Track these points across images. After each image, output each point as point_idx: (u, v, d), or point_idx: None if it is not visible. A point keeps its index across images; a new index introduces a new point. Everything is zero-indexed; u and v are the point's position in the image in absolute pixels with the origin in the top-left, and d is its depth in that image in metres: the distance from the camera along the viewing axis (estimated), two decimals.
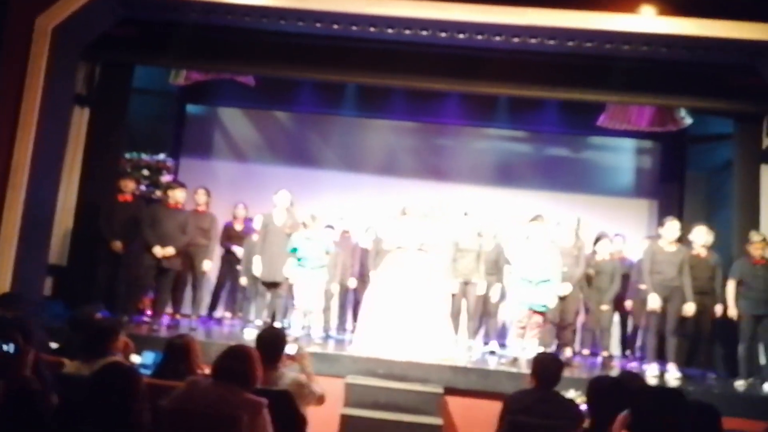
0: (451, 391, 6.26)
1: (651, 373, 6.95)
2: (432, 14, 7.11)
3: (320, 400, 4.19)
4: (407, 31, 7.36)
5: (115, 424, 2.48)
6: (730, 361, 7.46)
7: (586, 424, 3.59)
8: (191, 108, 10.68)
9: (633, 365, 7.93)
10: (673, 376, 6.91)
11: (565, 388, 4.30)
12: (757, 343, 7.19)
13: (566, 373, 4.35)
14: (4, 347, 2.99)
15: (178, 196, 7.75)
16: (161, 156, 9.28)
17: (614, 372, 6.90)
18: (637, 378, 4.53)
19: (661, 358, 7.16)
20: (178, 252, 7.63)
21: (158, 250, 7.44)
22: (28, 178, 7.04)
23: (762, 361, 7.29)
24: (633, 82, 7.92)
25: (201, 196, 8.29)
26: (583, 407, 3.95)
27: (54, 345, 4.87)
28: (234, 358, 3.37)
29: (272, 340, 4.15)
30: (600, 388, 3.51)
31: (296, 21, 7.40)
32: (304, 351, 4.50)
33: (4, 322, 4.02)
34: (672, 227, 7.28)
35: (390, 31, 7.37)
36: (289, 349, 4.27)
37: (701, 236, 7.54)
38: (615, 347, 8.68)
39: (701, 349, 7.85)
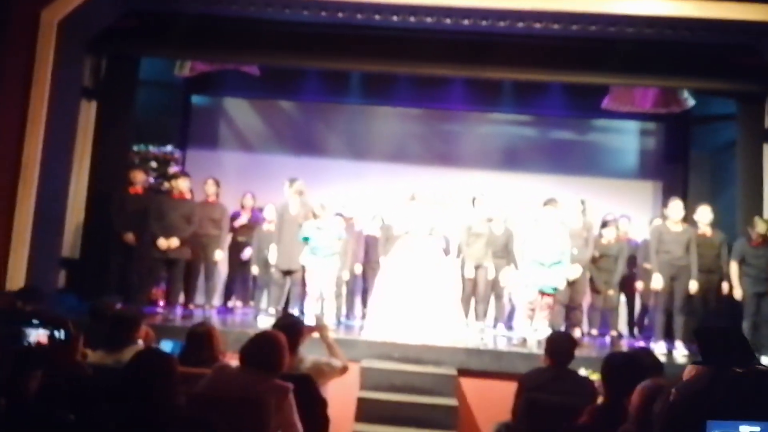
0: (464, 372, 6.36)
1: (659, 351, 7.04)
2: (436, 1, 7.14)
3: (343, 370, 4.29)
4: (412, 18, 7.39)
5: (154, 408, 2.55)
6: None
7: (600, 400, 3.67)
8: (197, 99, 10.72)
9: (641, 343, 8.03)
10: (681, 354, 7.01)
11: (577, 367, 4.37)
12: (761, 319, 7.27)
13: (576, 352, 4.42)
14: (56, 334, 3.07)
15: (181, 185, 7.84)
16: (168, 148, 9.33)
17: (624, 350, 6.99)
18: (650, 354, 4.62)
19: (669, 336, 7.25)
20: (184, 242, 7.71)
21: (162, 242, 7.55)
22: (39, 173, 7.10)
23: None
24: (636, 65, 7.94)
25: (210, 187, 8.35)
26: (597, 384, 4.03)
27: None
28: (262, 344, 3.45)
29: (290, 327, 4.22)
30: (614, 365, 3.57)
31: (301, 10, 7.44)
32: (324, 322, 4.58)
33: (49, 311, 4.14)
34: (676, 207, 7.39)
35: (395, 18, 7.40)
36: (309, 320, 4.36)
37: (706, 215, 7.63)
38: (622, 326, 8.77)
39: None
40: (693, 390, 0.89)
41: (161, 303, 8.17)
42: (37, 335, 3.00)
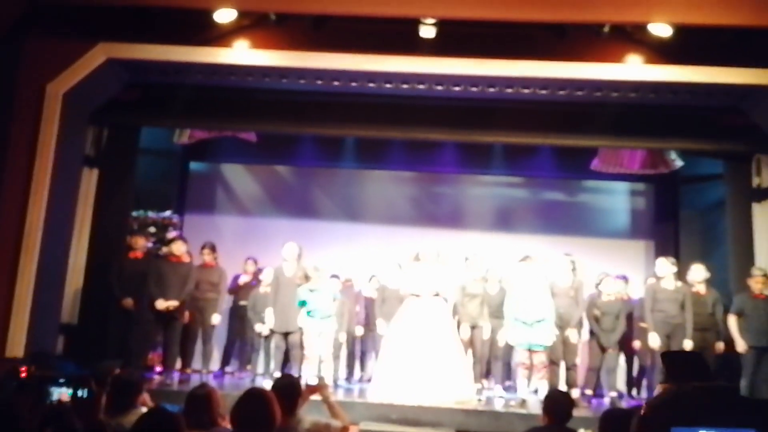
0: None
1: None
2: (427, 69, 7.38)
3: (344, 431, 4.27)
4: (404, 85, 7.64)
5: None
6: None
7: None
8: (195, 165, 10.93)
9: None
10: None
11: (576, 426, 4.39)
12: (759, 377, 7.24)
13: (575, 412, 4.44)
14: (79, 392, 3.13)
15: (175, 249, 7.95)
16: (167, 213, 9.49)
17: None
18: None
19: None
20: (182, 304, 7.76)
21: (161, 303, 7.62)
22: (41, 240, 7.16)
23: None
24: (623, 127, 8.13)
25: (206, 255, 8.42)
26: None
27: None
28: (251, 402, 3.39)
29: (287, 387, 4.24)
30: (613, 419, 3.60)
31: (297, 79, 7.68)
32: (325, 381, 4.60)
33: (72, 370, 4.20)
34: (661, 265, 7.58)
35: (388, 86, 7.64)
36: (311, 380, 4.38)
37: (698, 274, 7.73)
38: (621, 386, 8.75)
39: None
40: (660, 403, 1.04)
41: (158, 368, 8.16)
42: (60, 393, 3.07)
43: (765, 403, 0.90)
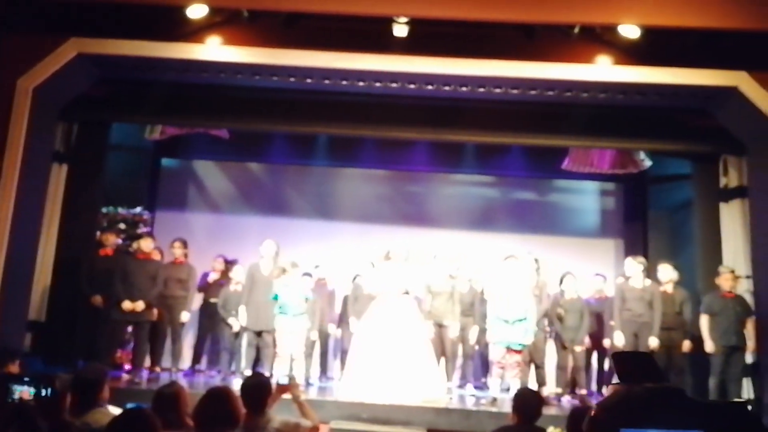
0: None
1: None
2: (400, 67, 7.40)
3: (314, 431, 4.27)
4: (377, 84, 7.64)
5: None
6: (701, 396, 7.64)
7: None
8: (166, 162, 10.84)
9: None
10: None
11: (545, 425, 4.43)
12: (728, 377, 7.33)
13: (544, 410, 4.48)
14: (43, 391, 3.11)
15: (143, 246, 7.88)
16: (137, 209, 9.40)
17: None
18: None
19: None
20: (149, 304, 7.70)
21: (127, 305, 7.54)
22: (9, 237, 7.07)
23: (745, 395, 7.44)
24: (593, 127, 8.24)
25: (177, 249, 8.36)
26: None
27: None
28: (213, 401, 3.40)
29: (257, 386, 4.24)
30: (580, 417, 3.63)
31: (270, 76, 7.64)
32: (296, 381, 4.60)
33: (39, 367, 4.17)
34: (628, 264, 7.73)
35: (360, 83, 7.65)
36: (282, 379, 4.37)
37: (666, 273, 7.85)
38: (593, 385, 8.84)
39: (672, 383, 8.03)
40: (609, 404, 1.07)
41: (127, 366, 8.08)
42: (21, 392, 3.04)
43: (713, 404, 0.93)
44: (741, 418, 0.98)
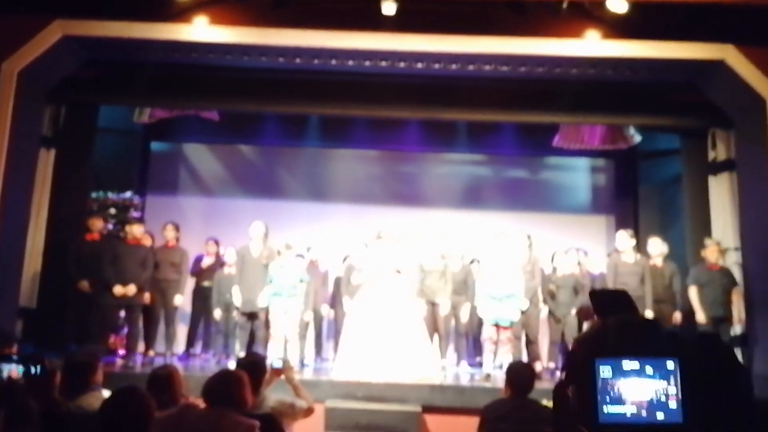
0: (429, 409, 6.40)
1: None
2: (390, 46, 7.39)
3: (309, 411, 4.31)
4: (367, 62, 7.62)
5: None
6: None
7: None
8: (156, 145, 10.75)
9: None
10: None
11: (538, 398, 4.48)
12: None
13: (537, 384, 4.52)
14: (32, 370, 3.09)
15: (135, 231, 7.84)
16: (128, 194, 9.34)
17: None
18: None
19: None
20: (141, 288, 7.68)
21: (118, 289, 7.51)
22: None
23: None
24: (583, 103, 8.26)
25: (169, 232, 8.34)
26: None
27: None
28: (225, 381, 3.45)
29: (252, 366, 4.26)
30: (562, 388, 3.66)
31: (259, 56, 7.61)
32: (290, 364, 4.62)
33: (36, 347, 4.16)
34: (620, 238, 7.76)
35: (350, 62, 7.63)
36: (276, 362, 4.40)
37: (656, 247, 7.90)
38: None
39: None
40: (585, 337, 1.10)
41: (121, 351, 8.08)
42: (10, 370, 3.03)
43: (685, 334, 0.97)
44: (713, 347, 1.02)
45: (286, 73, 7.95)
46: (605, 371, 1.04)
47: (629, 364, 1.05)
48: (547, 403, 5.32)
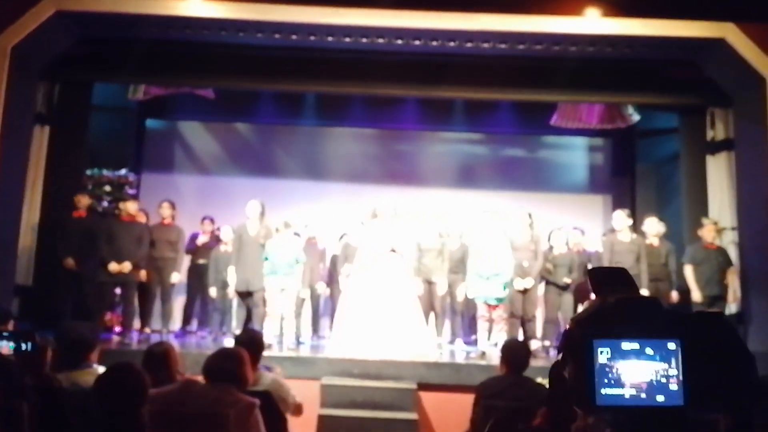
0: (424, 386, 6.43)
1: None
2: (387, 22, 7.32)
3: (298, 409, 4.29)
4: (364, 39, 7.55)
5: (122, 422, 2.58)
6: None
7: None
8: (151, 123, 10.70)
9: None
10: None
11: (533, 376, 4.49)
12: None
13: (533, 362, 4.53)
14: (23, 346, 3.08)
15: (130, 208, 7.80)
16: (123, 172, 9.30)
17: None
18: None
19: None
20: (136, 265, 7.67)
21: (114, 266, 7.47)
22: None
23: None
24: (581, 82, 8.21)
25: (165, 210, 8.29)
26: None
27: None
28: (225, 358, 3.45)
29: (251, 341, 4.26)
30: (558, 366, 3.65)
31: (255, 33, 7.53)
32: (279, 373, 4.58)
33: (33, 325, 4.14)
34: (617, 217, 7.74)
35: (347, 39, 7.56)
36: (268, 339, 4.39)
37: (653, 226, 7.90)
38: None
39: None
40: (583, 316, 1.07)
41: (117, 328, 8.08)
42: (1, 347, 3.01)
43: (688, 314, 0.95)
44: (716, 327, 0.99)
45: (282, 50, 7.89)
46: (603, 352, 1.01)
47: (629, 345, 1.02)
48: (542, 381, 5.36)
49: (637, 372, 0.98)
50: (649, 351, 0.99)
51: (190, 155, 10.82)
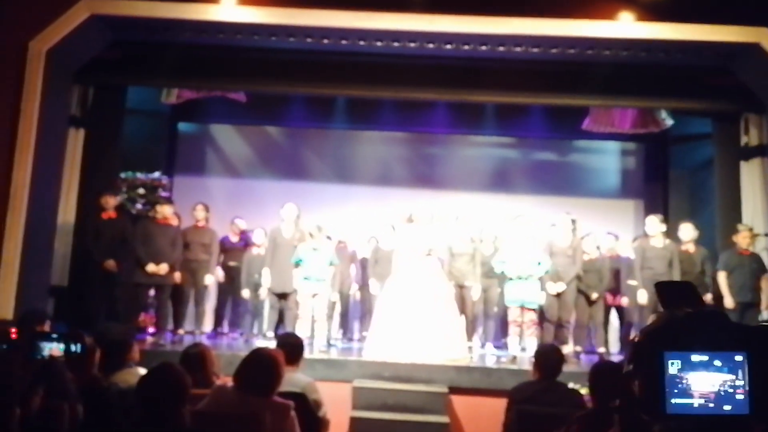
0: (455, 390, 6.43)
1: None
2: (419, 26, 7.32)
3: (325, 425, 4.26)
4: (395, 44, 7.56)
5: (163, 421, 2.62)
6: None
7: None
8: (183, 126, 10.83)
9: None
10: None
11: (565, 381, 4.46)
12: None
13: (565, 368, 4.50)
14: (72, 348, 3.14)
15: (166, 211, 7.87)
16: (156, 174, 9.40)
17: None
18: None
19: None
20: (172, 267, 7.74)
21: (152, 267, 7.54)
22: (28, 201, 7.13)
23: None
24: (614, 86, 8.14)
25: (199, 212, 8.37)
26: (586, 398, 4.11)
27: None
28: (255, 365, 3.39)
29: (291, 347, 4.28)
30: (601, 372, 3.61)
31: (287, 37, 7.57)
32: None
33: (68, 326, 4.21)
34: (650, 222, 7.64)
35: (379, 44, 7.57)
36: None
37: (687, 232, 7.80)
38: (614, 344, 8.87)
39: None
40: (653, 329, 1.09)
41: (151, 329, 8.17)
42: (51, 349, 3.07)
43: (754, 327, 0.97)
44: None
45: (314, 54, 7.92)
46: (674, 364, 1.03)
47: (698, 357, 1.04)
48: (574, 386, 5.32)
49: (705, 382, 1.00)
50: (717, 363, 1.00)
51: (221, 158, 10.93)
